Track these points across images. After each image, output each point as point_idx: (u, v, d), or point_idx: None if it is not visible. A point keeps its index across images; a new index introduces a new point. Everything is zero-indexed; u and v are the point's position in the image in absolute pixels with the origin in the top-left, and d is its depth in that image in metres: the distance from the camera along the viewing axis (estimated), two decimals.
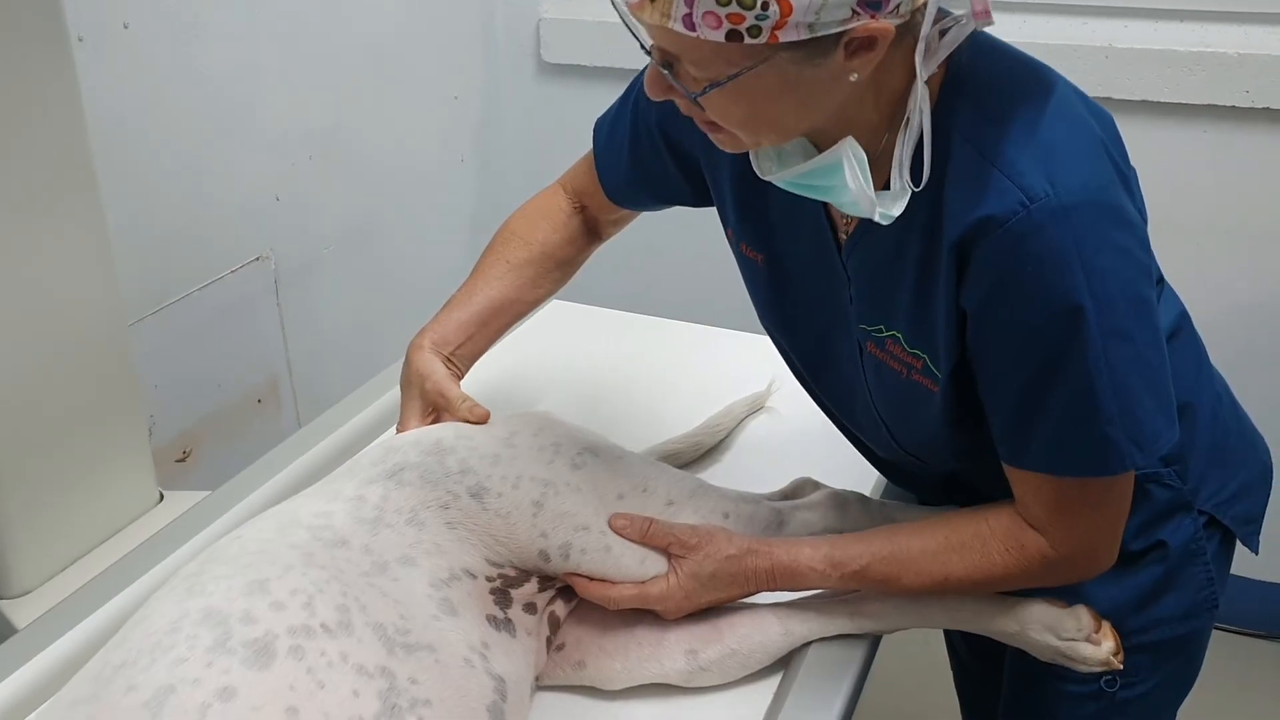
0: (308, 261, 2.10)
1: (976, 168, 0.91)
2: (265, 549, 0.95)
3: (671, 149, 1.19)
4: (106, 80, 1.63)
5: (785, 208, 1.08)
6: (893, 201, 0.92)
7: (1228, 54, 2.00)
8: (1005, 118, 0.92)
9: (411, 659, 0.90)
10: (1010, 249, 0.89)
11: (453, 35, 2.43)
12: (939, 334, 0.98)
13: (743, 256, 1.17)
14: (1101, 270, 0.89)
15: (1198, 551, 1.12)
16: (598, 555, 1.05)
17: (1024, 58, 0.98)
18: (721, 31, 0.83)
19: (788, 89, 0.88)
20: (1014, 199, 0.88)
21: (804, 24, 0.82)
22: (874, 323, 1.04)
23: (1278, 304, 2.16)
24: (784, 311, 1.16)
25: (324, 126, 2.08)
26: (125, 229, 1.58)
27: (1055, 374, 0.92)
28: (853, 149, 0.93)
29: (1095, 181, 0.91)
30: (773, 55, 0.85)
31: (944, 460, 1.11)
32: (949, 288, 0.94)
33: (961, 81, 0.94)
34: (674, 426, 1.41)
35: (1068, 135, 0.92)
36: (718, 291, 2.31)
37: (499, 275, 1.26)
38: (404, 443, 1.09)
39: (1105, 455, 0.94)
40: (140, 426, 1.50)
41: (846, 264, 1.05)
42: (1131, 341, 0.91)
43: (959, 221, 0.91)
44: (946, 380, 1.00)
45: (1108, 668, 1.06)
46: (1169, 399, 0.96)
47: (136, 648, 0.86)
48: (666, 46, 0.89)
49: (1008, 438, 0.98)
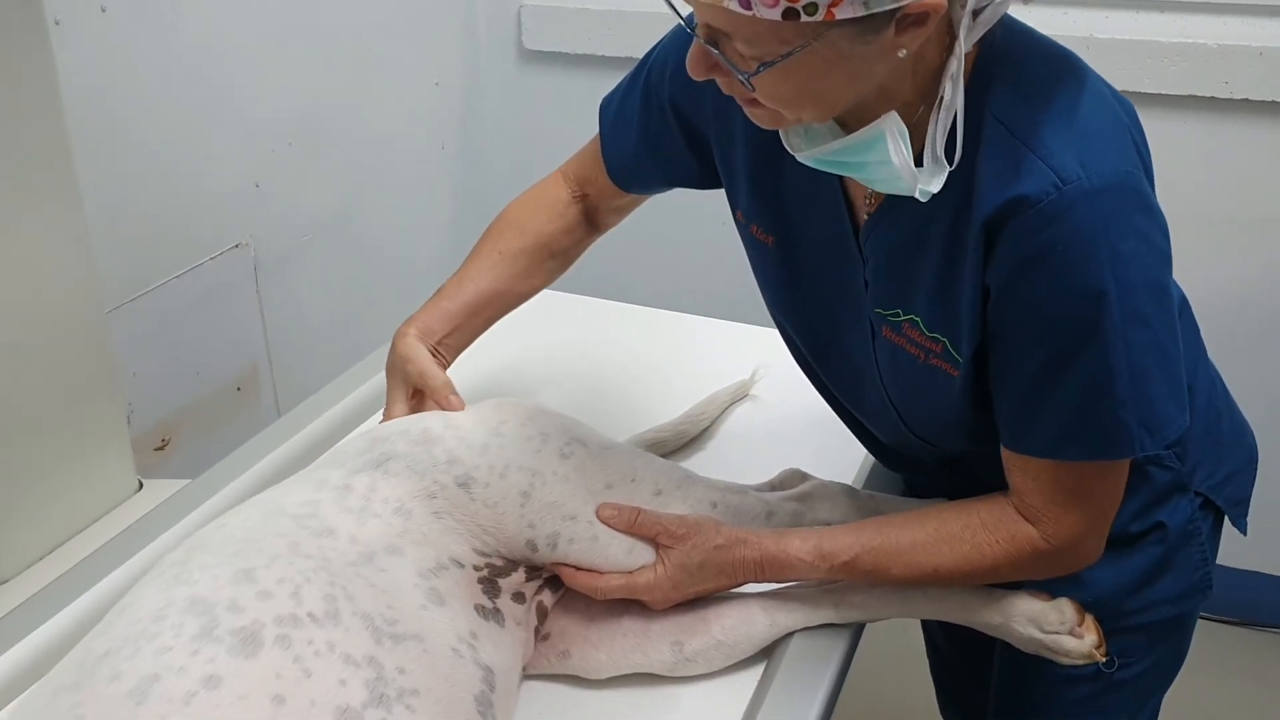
0: (287, 249, 2.08)
1: (1009, 147, 0.91)
2: (251, 537, 0.94)
3: (683, 125, 1.17)
4: (84, 65, 1.61)
5: (801, 188, 1.07)
6: (930, 178, 0.92)
7: (1208, 45, 2.01)
8: (1038, 99, 0.92)
9: (399, 649, 0.90)
10: (1040, 229, 0.89)
11: (434, 22, 2.41)
12: (962, 314, 0.98)
13: (752, 239, 1.16)
14: (1126, 255, 0.89)
15: (1194, 532, 1.13)
16: (585, 545, 1.05)
17: (1054, 44, 0.99)
18: (778, 9, 0.82)
19: (838, 65, 0.87)
20: (1047, 180, 0.89)
21: (860, 0, 0.82)
22: (891, 306, 1.04)
23: (1256, 293, 2.17)
24: (793, 296, 1.15)
25: (304, 113, 2.07)
26: (103, 215, 1.57)
27: (1074, 355, 0.92)
28: (895, 124, 0.92)
29: (1124, 167, 0.91)
30: (827, 32, 0.84)
31: (954, 443, 1.11)
32: (975, 266, 0.94)
33: (995, 62, 0.94)
34: (658, 415, 1.41)
35: (1099, 121, 0.93)
36: (702, 280, 2.31)
37: (491, 265, 1.25)
38: (391, 432, 1.08)
39: (1115, 438, 0.95)
40: (119, 414, 1.48)
41: (864, 245, 1.05)
42: (1150, 327, 0.92)
43: (990, 200, 0.91)
44: (968, 363, 0.99)
45: (1090, 660, 1.08)
46: (1181, 386, 0.97)
47: (121, 635, 0.85)
48: (718, 25, 0.87)
49: (1016, 421, 0.98)
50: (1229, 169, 2.11)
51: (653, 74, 1.18)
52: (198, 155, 1.86)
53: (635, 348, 1.61)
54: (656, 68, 1.18)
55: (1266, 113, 2.03)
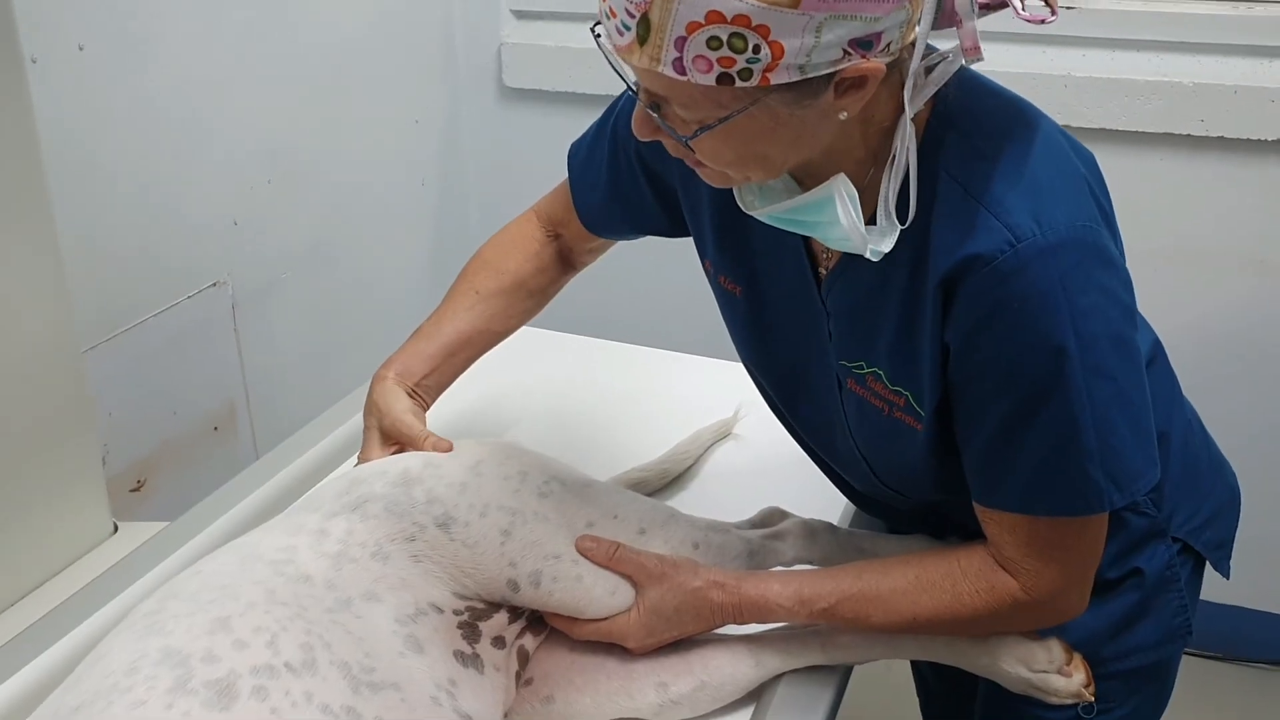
0: (266, 287, 2.07)
1: (963, 205, 0.91)
2: (227, 585, 0.93)
3: (650, 177, 1.18)
4: (60, 103, 1.60)
5: (766, 241, 1.07)
6: (881, 237, 0.92)
7: (1183, 84, 2.03)
8: (991, 155, 0.92)
9: (377, 698, 0.88)
10: (996, 287, 0.89)
11: (414, 59, 2.42)
12: (923, 370, 0.97)
13: (721, 289, 1.16)
14: (1085, 310, 0.89)
15: (1172, 578, 1.12)
16: (569, 584, 1.03)
17: (1008, 95, 0.99)
18: (712, 75, 0.82)
19: (778, 129, 0.88)
20: (1001, 237, 0.88)
21: (795, 66, 0.82)
22: (854, 359, 1.04)
23: (1233, 329, 2.19)
24: (762, 345, 1.15)
25: (282, 150, 2.06)
26: (80, 254, 1.55)
27: (1036, 412, 0.91)
28: (844, 186, 0.92)
29: (1080, 221, 0.91)
30: (763, 97, 0.85)
31: (925, 493, 1.10)
32: (934, 324, 0.94)
33: (948, 118, 0.94)
34: (640, 454, 1.40)
35: (1053, 174, 0.93)
36: (685, 317, 2.30)
37: (468, 305, 1.25)
38: (369, 473, 1.07)
39: (1084, 493, 0.94)
40: (94, 455, 1.46)
41: (826, 299, 1.05)
42: (1114, 381, 0.91)
43: (945, 258, 0.91)
44: (931, 417, 0.99)
45: (1078, 700, 1.07)
46: (1150, 439, 0.96)
47: (93, 689, 0.83)
48: (655, 89, 0.88)
49: (983, 477, 0.98)
50: (1204, 206, 2.12)
51: (619, 124, 1.18)
52: (175, 193, 1.85)
53: (617, 385, 1.60)
54: (623, 118, 1.17)
55: (1241, 150, 2.05)
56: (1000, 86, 0.99)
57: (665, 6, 0.80)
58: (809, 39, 0.81)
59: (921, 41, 0.86)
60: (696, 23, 0.80)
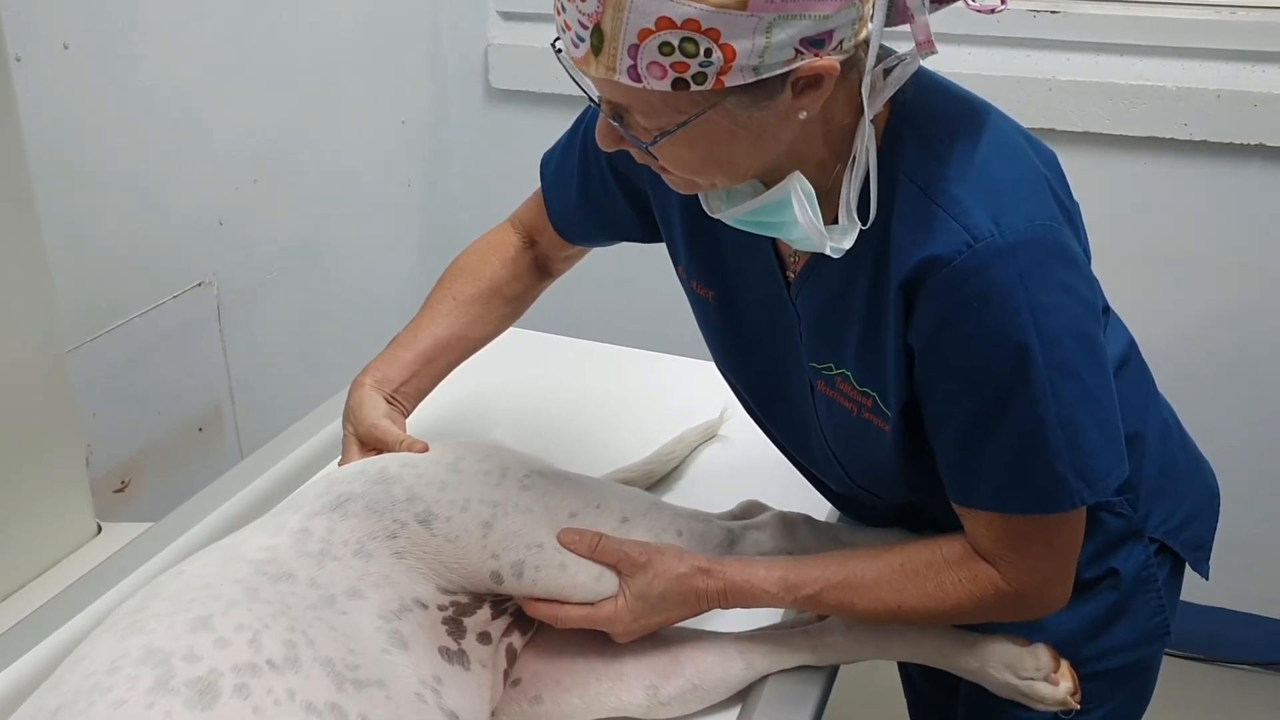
0: (251, 287, 2.06)
1: (921, 207, 0.91)
2: (209, 584, 0.92)
3: (622, 184, 1.18)
4: (45, 101, 1.59)
5: (736, 245, 1.08)
6: (842, 235, 0.93)
7: (1167, 88, 2.04)
8: (948, 156, 0.92)
9: (361, 695, 0.88)
10: (956, 288, 0.89)
11: (401, 60, 2.41)
12: (888, 372, 0.98)
13: (694, 294, 1.17)
14: (1047, 308, 0.89)
15: (1149, 579, 1.12)
16: (552, 573, 1.03)
17: (964, 95, 0.99)
18: (667, 81, 0.83)
19: (738, 131, 0.88)
20: (959, 239, 0.89)
21: (749, 67, 0.82)
22: (823, 361, 1.04)
23: (1215, 330, 2.20)
24: (735, 349, 1.16)
25: (269, 150, 2.06)
26: (64, 253, 1.55)
27: (1003, 412, 0.92)
28: (800, 184, 0.93)
29: (1039, 219, 0.91)
30: (720, 100, 0.85)
31: (897, 494, 1.11)
32: (897, 326, 0.95)
33: (906, 120, 0.94)
34: (626, 454, 1.41)
35: (1011, 173, 0.93)
36: (670, 318, 2.30)
37: (446, 312, 1.25)
38: (348, 474, 1.07)
39: (1054, 492, 0.94)
40: (78, 456, 1.46)
41: (795, 301, 1.05)
42: (1079, 378, 0.92)
43: (905, 261, 0.91)
44: (897, 418, 1.00)
45: (1065, 708, 1.07)
46: (1118, 436, 0.96)
47: (74, 689, 0.83)
48: (615, 99, 0.89)
49: (956, 476, 0.98)
50: (1188, 209, 2.14)
51: (590, 131, 1.18)
52: (160, 192, 1.84)
53: (602, 386, 1.61)
54: (593, 128, 1.18)
55: (1224, 154, 2.07)
56: (959, 87, 1.00)
57: (617, 15, 0.81)
58: (760, 40, 0.81)
59: (876, 39, 0.87)
60: (648, 30, 0.81)
